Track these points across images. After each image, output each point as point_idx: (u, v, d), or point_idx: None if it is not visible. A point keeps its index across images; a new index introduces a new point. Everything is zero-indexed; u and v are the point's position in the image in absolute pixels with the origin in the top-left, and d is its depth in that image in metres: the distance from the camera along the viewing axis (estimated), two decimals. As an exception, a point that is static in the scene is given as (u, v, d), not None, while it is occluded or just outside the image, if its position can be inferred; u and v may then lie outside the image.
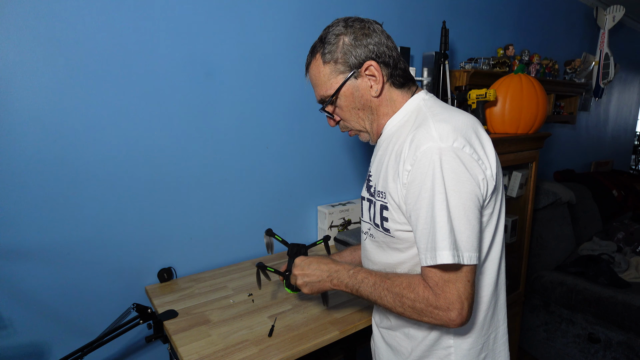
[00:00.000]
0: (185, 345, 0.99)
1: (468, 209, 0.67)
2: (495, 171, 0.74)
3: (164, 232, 1.36)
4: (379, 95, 0.82)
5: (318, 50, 0.83)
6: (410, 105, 0.83)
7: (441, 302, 0.68)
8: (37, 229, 1.13)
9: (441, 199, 0.66)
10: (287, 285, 1.01)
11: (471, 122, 0.76)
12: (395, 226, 0.78)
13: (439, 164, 0.67)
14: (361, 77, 0.81)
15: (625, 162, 4.62)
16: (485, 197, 0.72)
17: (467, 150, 0.69)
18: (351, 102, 0.83)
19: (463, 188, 0.67)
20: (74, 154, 1.15)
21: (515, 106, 1.71)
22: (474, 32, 2.24)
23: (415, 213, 0.71)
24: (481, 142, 0.74)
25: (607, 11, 3.09)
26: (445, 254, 0.65)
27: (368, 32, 0.80)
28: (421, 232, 0.69)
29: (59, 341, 1.20)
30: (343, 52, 0.80)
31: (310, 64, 0.86)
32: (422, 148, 0.69)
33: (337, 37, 0.80)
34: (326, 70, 0.82)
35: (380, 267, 0.86)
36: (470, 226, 0.67)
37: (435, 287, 0.69)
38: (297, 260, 0.93)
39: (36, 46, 1.06)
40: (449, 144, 0.68)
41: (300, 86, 1.59)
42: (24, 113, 1.07)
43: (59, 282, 1.18)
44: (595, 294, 2.02)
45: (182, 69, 1.31)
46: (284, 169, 1.62)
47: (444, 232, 0.66)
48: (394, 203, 0.77)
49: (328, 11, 1.61)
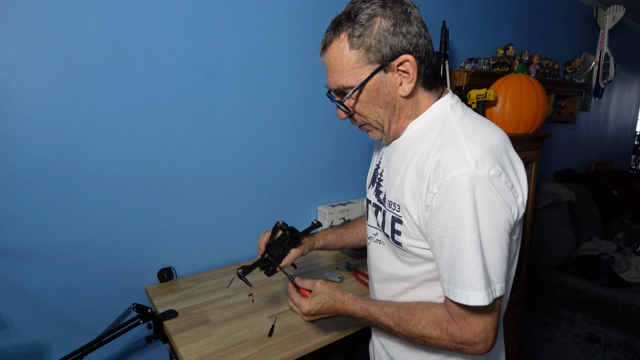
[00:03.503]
0: (185, 345, 0.99)
1: (502, 239, 0.63)
2: (527, 198, 0.68)
3: (164, 232, 1.36)
4: (408, 95, 0.71)
5: (344, 28, 0.67)
6: (436, 110, 0.73)
7: (467, 336, 0.64)
8: (37, 229, 1.13)
9: (473, 233, 0.61)
10: (264, 268, 0.95)
11: (503, 140, 0.69)
12: (408, 241, 0.73)
13: (472, 194, 0.60)
14: (392, 71, 0.68)
15: (625, 162, 4.62)
16: (515, 225, 0.67)
17: (502, 179, 0.63)
18: (374, 98, 0.71)
19: (498, 219, 0.62)
20: (74, 154, 1.15)
21: (515, 106, 1.71)
22: (474, 32, 2.24)
23: (440, 241, 0.65)
24: (514, 166, 0.67)
25: (607, 11, 3.09)
26: (479, 295, 0.61)
27: (409, 18, 0.66)
28: (444, 262, 0.65)
29: (59, 341, 1.20)
30: (377, 39, 0.66)
31: (330, 44, 0.69)
32: (453, 173, 0.61)
33: (372, 18, 0.65)
34: (352, 57, 0.67)
35: (384, 277, 0.82)
36: (503, 257, 0.63)
37: (460, 321, 0.65)
38: (304, 307, 0.81)
39: (36, 46, 1.06)
40: (485, 171, 0.61)
41: (301, 86, 1.59)
42: (24, 113, 1.07)
43: (59, 282, 1.18)
44: (595, 294, 2.02)
45: (183, 69, 1.31)
46: (284, 169, 1.62)
47: (478, 270, 0.61)
48: (411, 220, 0.70)
49: (328, 11, 1.61)
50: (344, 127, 1.75)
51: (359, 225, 1.11)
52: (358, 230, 1.10)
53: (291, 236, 0.95)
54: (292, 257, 0.98)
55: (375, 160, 0.91)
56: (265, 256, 0.94)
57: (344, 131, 1.76)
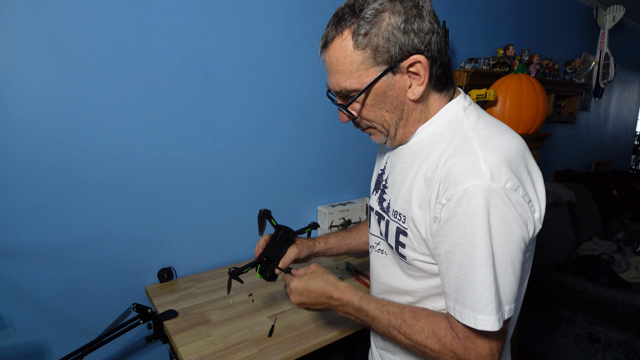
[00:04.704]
0: (185, 345, 0.99)
1: (515, 258, 0.57)
2: (544, 212, 0.62)
3: (164, 232, 1.36)
4: (418, 99, 0.65)
5: (348, 25, 0.60)
6: (447, 114, 0.67)
7: (472, 356, 0.60)
8: (37, 229, 1.13)
9: (486, 252, 0.56)
10: (260, 272, 0.90)
11: (522, 149, 0.62)
12: (413, 255, 0.68)
13: (486, 209, 0.55)
14: (401, 73, 0.62)
15: (625, 162, 4.62)
16: (529, 243, 0.61)
17: (520, 192, 0.57)
18: (380, 101, 0.65)
19: (512, 236, 0.57)
20: (74, 154, 1.15)
21: (515, 106, 1.71)
22: (474, 32, 2.24)
23: (447, 257, 0.60)
24: (532, 178, 0.61)
25: (607, 11, 3.09)
26: (489, 320, 0.56)
27: (421, 13, 0.59)
28: (451, 279, 0.60)
29: (59, 341, 1.20)
30: (386, 38, 0.59)
31: (332, 42, 0.62)
32: (465, 185, 0.56)
33: (380, 13, 0.58)
34: (356, 58, 0.61)
35: (385, 289, 0.78)
36: (514, 278, 0.58)
37: (465, 340, 0.60)
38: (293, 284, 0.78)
39: (36, 46, 1.06)
40: (501, 184, 0.56)
41: (301, 86, 1.59)
42: (24, 113, 1.07)
43: (59, 282, 1.18)
44: (595, 294, 2.02)
45: (183, 69, 1.31)
46: (284, 169, 1.62)
47: (489, 293, 0.56)
48: (416, 232, 0.66)
49: (328, 11, 1.60)
50: (344, 127, 1.75)
51: (363, 229, 1.04)
52: (362, 234, 1.03)
53: (283, 231, 0.91)
54: (290, 257, 0.91)
55: (380, 165, 0.85)
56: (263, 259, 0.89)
57: (344, 131, 1.76)
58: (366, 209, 1.79)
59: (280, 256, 0.91)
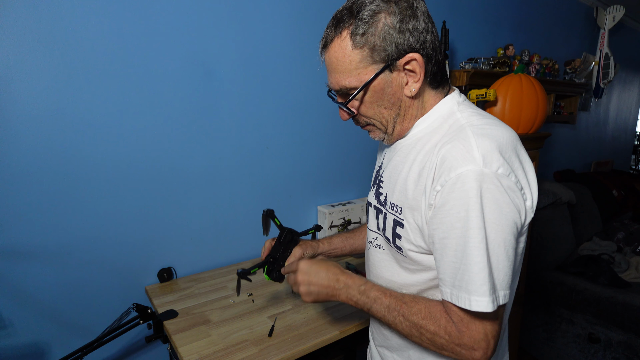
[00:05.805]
0: (185, 345, 0.99)
1: (508, 243, 0.59)
2: (537, 201, 0.65)
3: (164, 232, 1.36)
4: (414, 95, 0.68)
5: (346, 26, 0.63)
6: (442, 108, 0.70)
7: (465, 340, 0.61)
8: (37, 229, 1.13)
9: (479, 235, 0.57)
10: (267, 273, 0.93)
11: (513, 140, 0.64)
12: (409, 246, 0.70)
13: (479, 193, 0.57)
14: (397, 70, 0.65)
15: (625, 162, 4.62)
16: (522, 229, 0.63)
17: (512, 179, 0.59)
18: (378, 98, 0.68)
19: (505, 221, 0.58)
20: (74, 154, 1.15)
21: (515, 106, 1.71)
22: (474, 32, 2.24)
23: (442, 243, 0.62)
24: (524, 167, 0.64)
25: (607, 11, 3.09)
26: (483, 301, 0.57)
27: (415, 13, 0.63)
28: (447, 265, 0.61)
29: (59, 341, 1.20)
30: (382, 37, 0.62)
31: (332, 43, 0.66)
32: (459, 170, 0.58)
33: (376, 14, 0.62)
34: (355, 57, 0.64)
35: (383, 284, 0.78)
36: (508, 263, 0.60)
37: (459, 324, 0.62)
38: (302, 264, 0.81)
39: (36, 46, 1.06)
40: (493, 169, 0.58)
41: (301, 85, 1.59)
42: (24, 113, 1.07)
43: (59, 282, 1.18)
44: (595, 294, 2.02)
45: (182, 68, 1.31)
46: (283, 169, 1.62)
47: (483, 275, 0.57)
48: (412, 222, 0.68)
49: (328, 11, 1.61)
50: (344, 127, 1.75)
51: (365, 230, 1.05)
52: (365, 234, 1.05)
53: (287, 231, 0.94)
54: (295, 257, 0.94)
55: (378, 162, 0.89)
56: (270, 259, 0.92)
57: (344, 131, 1.76)
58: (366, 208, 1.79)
59: (285, 256, 0.95)
